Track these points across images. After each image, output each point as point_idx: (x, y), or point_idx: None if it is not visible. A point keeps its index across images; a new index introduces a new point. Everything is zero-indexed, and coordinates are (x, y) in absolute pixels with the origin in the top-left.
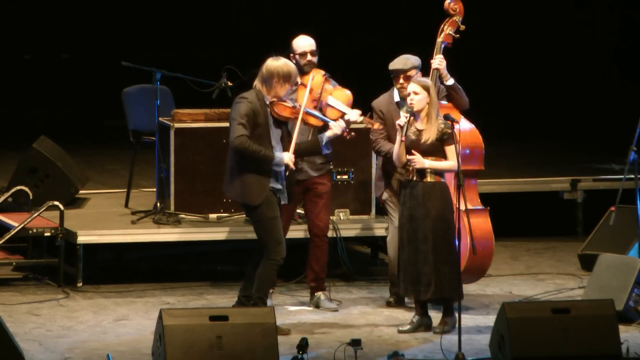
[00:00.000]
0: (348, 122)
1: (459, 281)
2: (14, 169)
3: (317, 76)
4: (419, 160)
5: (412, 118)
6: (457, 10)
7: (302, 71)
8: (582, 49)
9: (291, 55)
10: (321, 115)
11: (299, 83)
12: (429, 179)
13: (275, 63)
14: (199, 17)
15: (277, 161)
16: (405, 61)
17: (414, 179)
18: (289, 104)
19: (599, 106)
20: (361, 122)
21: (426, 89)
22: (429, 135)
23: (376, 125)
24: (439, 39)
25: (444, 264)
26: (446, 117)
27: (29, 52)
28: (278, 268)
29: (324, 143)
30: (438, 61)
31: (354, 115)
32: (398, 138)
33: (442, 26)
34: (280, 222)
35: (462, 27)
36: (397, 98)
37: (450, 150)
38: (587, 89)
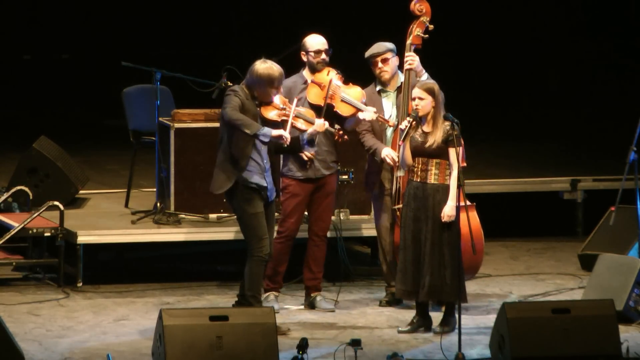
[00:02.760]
0: (360, 120)
1: (463, 284)
2: (14, 169)
3: (330, 73)
4: (449, 214)
5: (414, 122)
6: (424, 10)
7: (315, 69)
8: (582, 49)
9: (303, 53)
10: (309, 117)
11: (310, 81)
12: (432, 180)
13: (259, 68)
14: (199, 17)
15: (265, 131)
16: (379, 45)
17: (418, 180)
18: (278, 105)
19: (599, 106)
20: (376, 120)
21: (431, 93)
22: (435, 138)
23: (391, 123)
24: (408, 41)
25: (444, 267)
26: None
27: (29, 52)
28: (264, 264)
29: (305, 141)
30: (409, 61)
31: (369, 113)
32: (402, 142)
33: (410, 28)
34: (263, 218)
35: (431, 27)
36: (378, 87)
37: (453, 152)
38: (586, 89)
